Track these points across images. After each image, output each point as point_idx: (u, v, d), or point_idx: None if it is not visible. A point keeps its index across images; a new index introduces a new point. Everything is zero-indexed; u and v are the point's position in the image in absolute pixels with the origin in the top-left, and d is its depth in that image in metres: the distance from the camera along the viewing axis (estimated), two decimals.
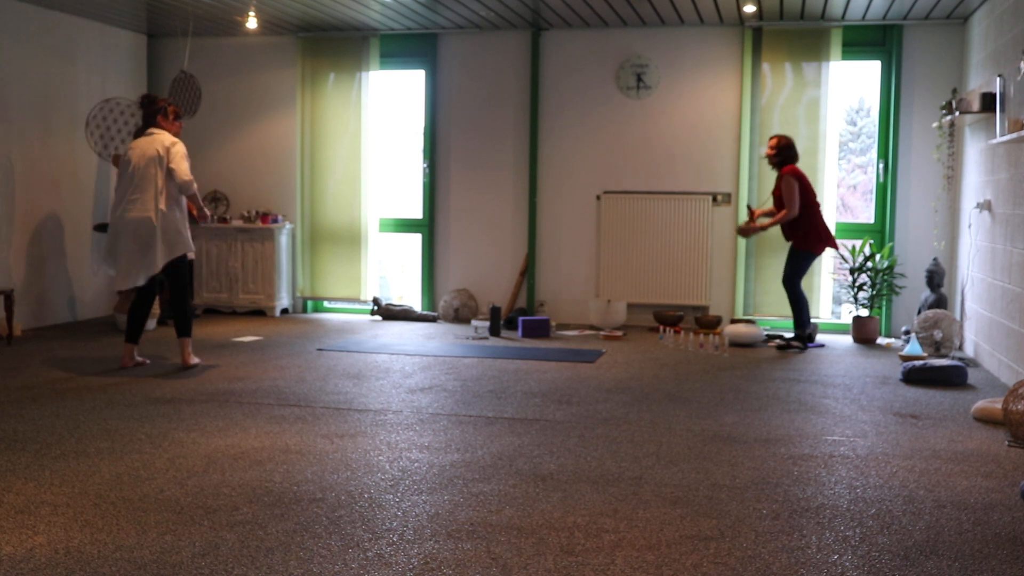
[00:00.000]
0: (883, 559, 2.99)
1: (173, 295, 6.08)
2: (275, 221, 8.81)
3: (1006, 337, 5.93)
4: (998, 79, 6.04)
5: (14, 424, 4.57)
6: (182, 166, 5.90)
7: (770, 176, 8.08)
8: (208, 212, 6.66)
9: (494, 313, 7.85)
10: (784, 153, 7.29)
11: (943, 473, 3.95)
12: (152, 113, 6.07)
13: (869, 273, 7.75)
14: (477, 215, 8.78)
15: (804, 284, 8.05)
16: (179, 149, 5.94)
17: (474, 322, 7.89)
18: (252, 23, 8.20)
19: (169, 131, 6.05)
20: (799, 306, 7.24)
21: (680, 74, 8.32)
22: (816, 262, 7.98)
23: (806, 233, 7.21)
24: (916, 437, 4.56)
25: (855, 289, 7.83)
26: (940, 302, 7.27)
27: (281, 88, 9.03)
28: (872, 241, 7.94)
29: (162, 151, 5.88)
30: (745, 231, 7.49)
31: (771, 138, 7.37)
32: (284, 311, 9.02)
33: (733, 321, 8.09)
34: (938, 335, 6.83)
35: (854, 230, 8.31)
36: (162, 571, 2.81)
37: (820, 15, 7.74)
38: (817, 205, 7.26)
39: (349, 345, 7.16)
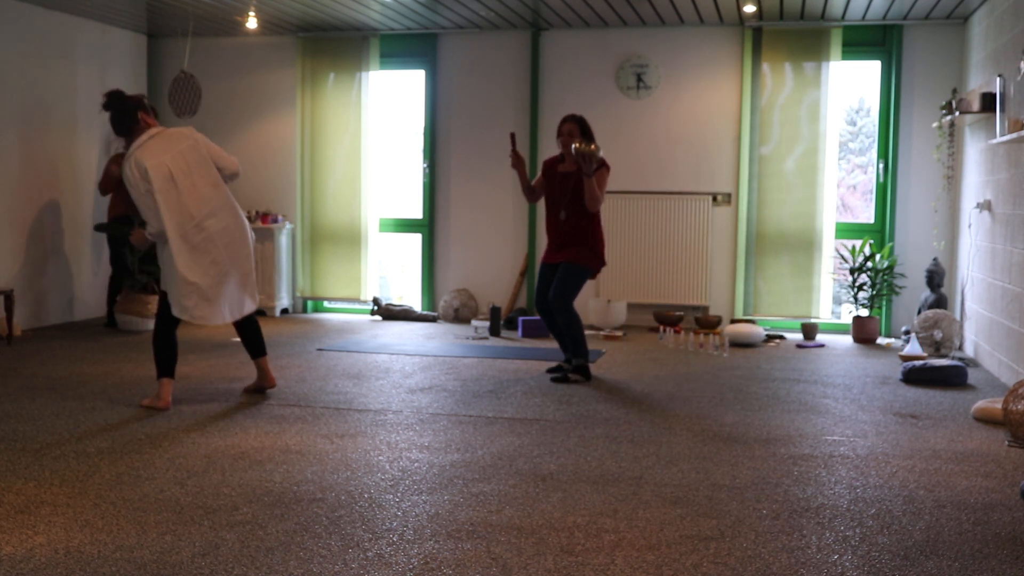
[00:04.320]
0: (883, 559, 2.99)
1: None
2: (275, 221, 8.81)
3: (1006, 337, 5.93)
4: (998, 79, 6.04)
5: (14, 424, 4.57)
6: (227, 156, 5.04)
7: (772, 176, 8.08)
8: None
9: (494, 313, 7.85)
10: (590, 133, 5.87)
11: (943, 473, 3.95)
12: (131, 112, 4.86)
13: (869, 273, 7.75)
14: (477, 215, 8.78)
15: (801, 284, 8.08)
16: (199, 136, 5.00)
17: (474, 322, 7.89)
18: (252, 23, 8.20)
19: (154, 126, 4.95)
20: (578, 330, 5.85)
21: (680, 74, 8.32)
22: (815, 261, 7.99)
23: (594, 246, 5.87)
24: (916, 437, 4.56)
25: (855, 289, 7.83)
26: (940, 302, 7.27)
27: (281, 88, 9.03)
28: (872, 241, 7.94)
29: (196, 146, 4.91)
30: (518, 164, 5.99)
31: (566, 122, 5.85)
32: (284, 311, 9.02)
33: (733, 321, 8.10)
34: (938, 335, 6.83)
35: (854, 230, 8.31)
36: (162, 571, 2.81)
37: (820, 15, 7.74)
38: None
39: (349, 345, 7.16)
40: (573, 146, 5.66)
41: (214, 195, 4.95)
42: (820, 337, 7.93)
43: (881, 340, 7.76)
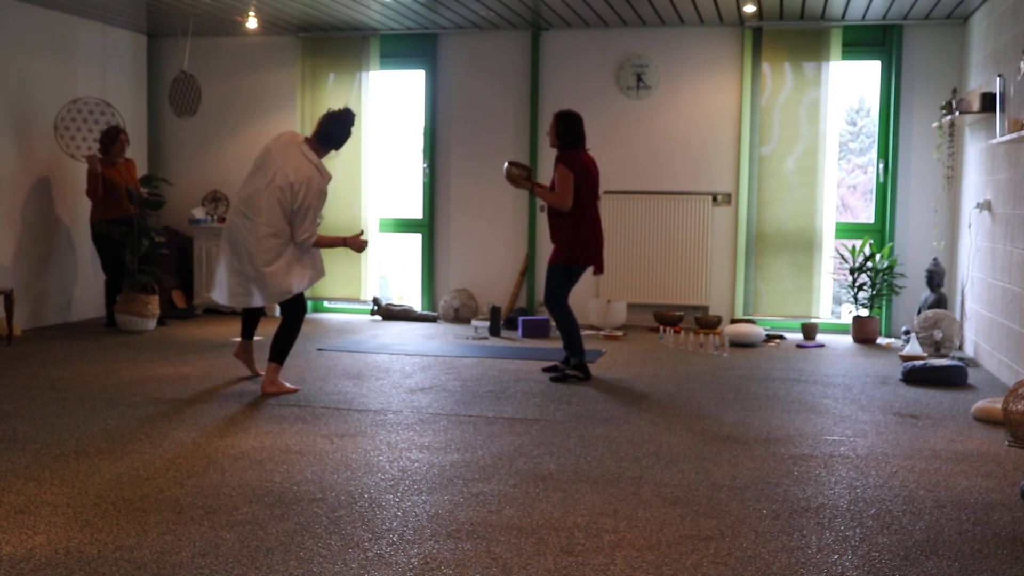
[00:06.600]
0: (883, 559, 2.99)
1: (284, 317, 5.37)
2: None
3: (1006, 337, 5.93)
4: (998, 79, 6.04)
5: (14, 424, 4.57)
6: (305, 224, 5.18)
7: (772, 176, 8.08)
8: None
9: (494, 313, 7.85)
10: (564, 130, 5.87)
11: (943, 473, 3.95)
12: (329, 133, 5.51)
13: (869, 273, 7.75)
14: (477, 215, 8.78)
15: (801, 284, 8.07)
16: (314, 190, 5.20)
17: (474, 322, 7.89)
18: (252, 23, 8.20)
19: (311, 156, 5.36)
20: (572, 328, 5.84)
21: (680, 74, 8.32)
22: (815, 261, 7.99)
23: (570, 241, 5.81)
24: (916, 437, 4.56)
25: (855, 289, 7.83)
26: (940, 302, 7.27)
27: (281, 88, 9.03)
28: (872, 241, 7.94)
29: (293, 182, 5.16)
30: (517, 180, 5.99)
31: (551, 117, 6.02)
32: None
33: (733, 321, 8.10)
34: (938, 335, 6.83)
35: (854, 230, 8.31)
36: (162, 571, 2.81)
37: (820, 15, 7.74)
38: (595, 207, 5.88)
39: (349, 345, 7.16)
40: (505, 165, 6.01)
41: (257, 206, 5.18)
42: (820, 337, 7.93)
43: (881, 340, 7.76)
